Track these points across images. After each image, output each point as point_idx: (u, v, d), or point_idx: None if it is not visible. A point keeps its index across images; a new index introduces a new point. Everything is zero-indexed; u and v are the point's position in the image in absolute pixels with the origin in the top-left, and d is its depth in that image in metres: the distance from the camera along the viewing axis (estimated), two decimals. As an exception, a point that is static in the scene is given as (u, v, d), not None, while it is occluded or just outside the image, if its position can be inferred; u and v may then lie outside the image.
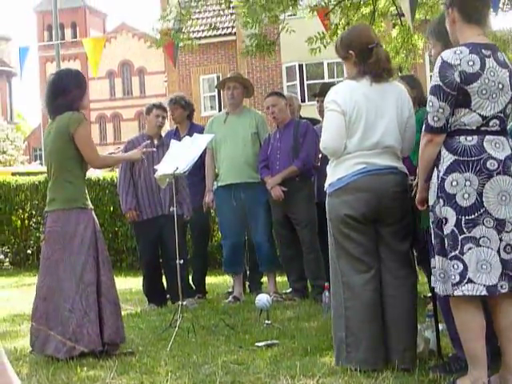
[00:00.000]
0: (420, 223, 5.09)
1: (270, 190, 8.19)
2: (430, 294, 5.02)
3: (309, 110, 13.24)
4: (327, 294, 7.14)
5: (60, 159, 5.88)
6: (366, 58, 4.94)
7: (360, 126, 4.86)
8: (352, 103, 4.86)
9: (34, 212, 14.19)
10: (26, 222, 14.34)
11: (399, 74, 7.10)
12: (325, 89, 8.56)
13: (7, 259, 14.80)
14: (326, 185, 5.02)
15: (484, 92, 4.23)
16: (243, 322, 6.96)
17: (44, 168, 6.28)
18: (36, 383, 4.82)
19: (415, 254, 7.79)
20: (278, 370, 4.85)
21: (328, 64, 29.55)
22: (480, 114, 4.25)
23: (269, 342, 5.86)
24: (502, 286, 4.17)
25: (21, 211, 14.30)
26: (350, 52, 5.00)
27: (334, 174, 4.95)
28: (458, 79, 4.22)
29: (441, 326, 5.19)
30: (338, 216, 4.90)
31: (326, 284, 7.20)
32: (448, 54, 4.29)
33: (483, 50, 4.27)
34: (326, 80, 28.04)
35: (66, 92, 5.89)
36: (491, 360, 4.35)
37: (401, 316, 4.89)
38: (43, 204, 13.55)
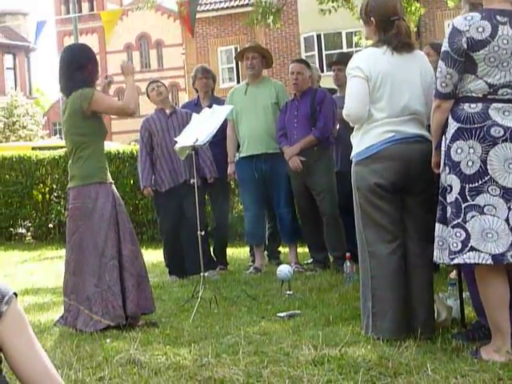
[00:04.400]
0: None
1: (288, 161, 8.17)
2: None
3: (328, 80, 13.16)
4: (348, 264, 7.15)
5: (76, 137, 5.93)
6: (386, 29, 4.89)
7: (385, 92, 4.82)
8: (376, 69, 4.82)
9: (54, 186, 14.23)
10: (47, 196, 14.37)
11: (429, 42, 7.04)
12: (342, 57, 8.52)
13: (29, 233, 14.88)
14: (353, 153, 4.99)
15: (492, 60, 4.18)
16: (265, 292, 6.98)
17: (64, 142, 6.32)
18: (60, 355, 4.86)
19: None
20: (301, 339, 4.86)
21: (346, 34, 29.36)
22: (487, 82, 4.21)
23: (291, 312, 5.88)
24: (511, 256, 4.15)
25: (42, 185, 14.34)
26: (371, 19, 4.95)
27: (362, 142, 4.90)
28: (465, 45, 4.19)
29: (464, 294, 5.18)
30: (366, 185, 4.85)
31: (348, 254, 7.21)
32: (459, 20, 4.26)
33: (498, 17, 4.20)
34: (345, 50, 27.84)
35: (82, 67, 5.90)
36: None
37: (424, 285, 4.89)
38: (64, 178, 13.62)
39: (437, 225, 4.40)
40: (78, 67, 5.89)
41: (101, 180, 5.90)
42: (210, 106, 7.89)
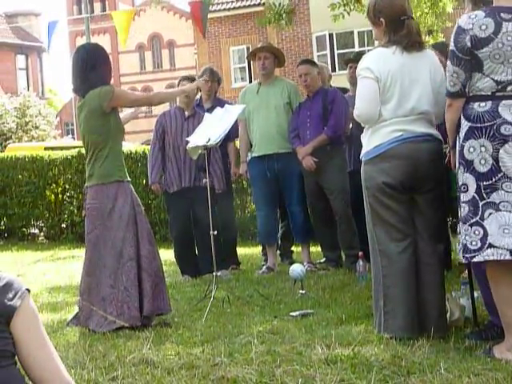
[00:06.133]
0: (451, 191, 5.06)
1: (301, 161, 8.16)
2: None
3: (340, 79, 13.17)
4: (361, 263, 7.14)
5: (94, 136, 5.92)
6: (397, 29, 4.88)
7: (395, 93, 4.82)
8: (386, 70, 4.82)
9: (67, 186, 14.25)
10: (60, 196, 14.40)
11: (430, 43, 7.05)
12: (359, 56, 8.53)
13: (42, 233, 14.91)
14: (362, 153, 4.99)
15: (497, 57, 4.18)
16: (277, 292, 6.98)
17: (76, 142, 6.34)
18: (73, 354, 4.86)
19: (449, 221, 7.76)
20: (313, 339, 4.85)
21: (358, 33, 29.31)
22: (494, 79, 4.22)
23: (303, 311, 5.88)
24: None
25: (54, 186, 14.37)
26: (381, 20, 4.93)
27: (371, 141, 4.90)
28: (468, 44, 4.20)
29: (476, 294, 5.16)
30: (375, 184, 4.86)
31: (360, 253, 7.20)
32: (463, 19, 4.28)
33: (502, 14, 4.19)
34: (357, 49, 27.81)
35: (96, 67, 5.90)
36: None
37: (435, 283, 4.89)
38: (76, 178, 13.68)
39: (461, 224, 4.38)
40: (92, 67, 5.88)
41: (119, 178, 5.92)
42: (212, 108, 7.90)
